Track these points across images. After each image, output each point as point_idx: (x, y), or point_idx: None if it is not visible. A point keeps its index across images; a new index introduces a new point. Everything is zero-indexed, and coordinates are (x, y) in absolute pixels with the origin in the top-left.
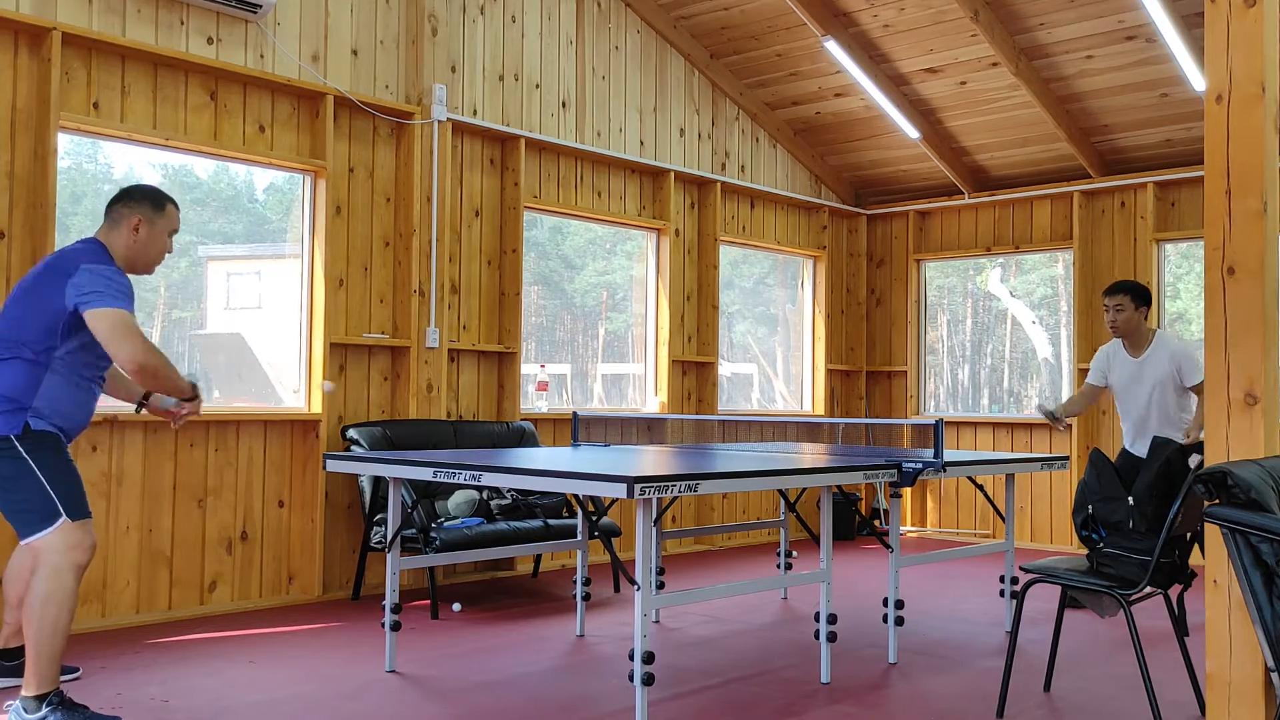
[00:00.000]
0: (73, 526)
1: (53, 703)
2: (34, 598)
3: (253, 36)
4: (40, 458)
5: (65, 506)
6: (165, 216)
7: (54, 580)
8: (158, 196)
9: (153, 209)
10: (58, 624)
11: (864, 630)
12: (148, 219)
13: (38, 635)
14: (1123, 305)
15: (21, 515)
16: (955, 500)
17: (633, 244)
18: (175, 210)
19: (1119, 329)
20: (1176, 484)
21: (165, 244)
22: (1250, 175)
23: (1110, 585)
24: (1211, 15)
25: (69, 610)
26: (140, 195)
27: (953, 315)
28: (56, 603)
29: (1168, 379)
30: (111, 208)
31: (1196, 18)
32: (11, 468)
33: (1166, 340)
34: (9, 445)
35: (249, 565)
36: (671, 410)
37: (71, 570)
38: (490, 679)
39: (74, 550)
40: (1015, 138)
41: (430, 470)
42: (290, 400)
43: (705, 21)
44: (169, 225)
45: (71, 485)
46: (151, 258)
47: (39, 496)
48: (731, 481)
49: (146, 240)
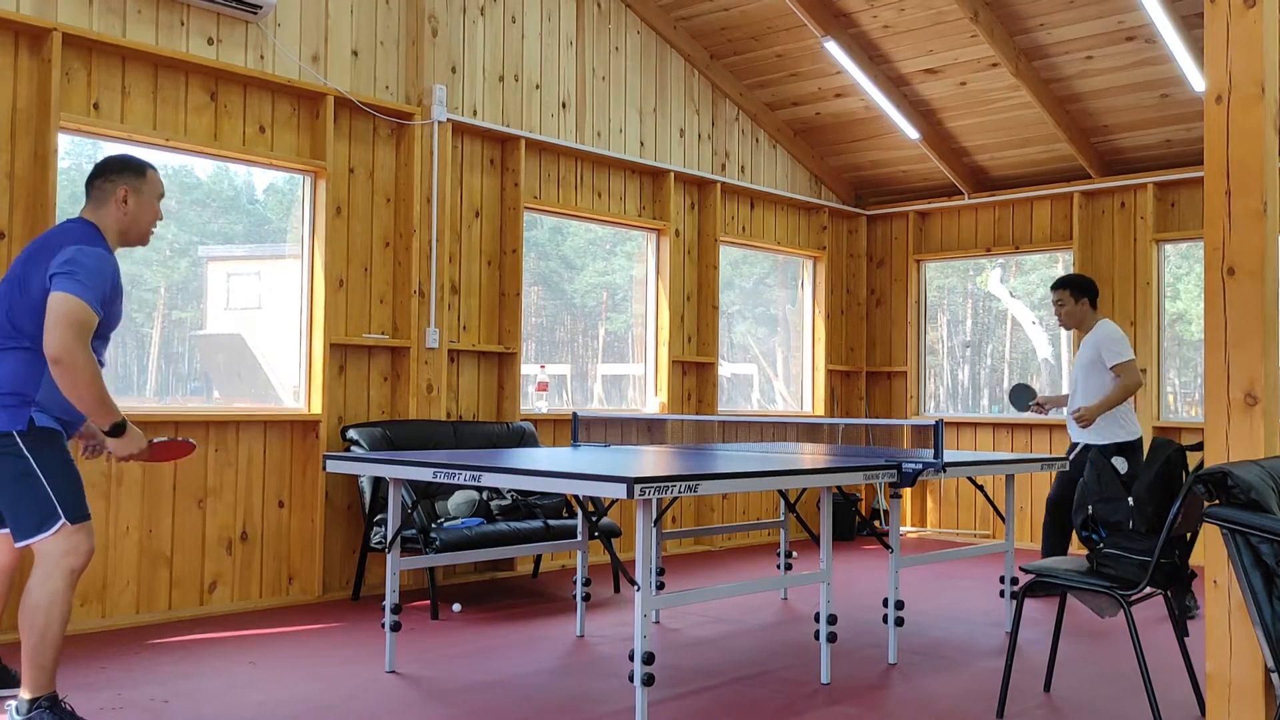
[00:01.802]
0: (71, 530)
1: (41, 706)
2: (28, 602)
3: (253, 37)
4: (42, 457)
5: (65, 509)
6: (149, 182)
7: (46, 586)
8: (138, 164)
9: (136, 176)
10: (49, 631)
11: (864, 631)
12: (134, 188)
13: (33, 641)
14: (1062, 300)
15: (19, 517)
16: (955, 501)
17: (633, 244)
18: (156, 174)
19: (1063, 322)
20: (1176, 485)
21: (156, 210)
22: (1250, 175)
23: (1110, 585)
24: (1211, 15)
25: (61, 617)
26: (120, 165)
27: (953, 316)
28: (47, 610)
29: (1092, 364)
30: (92, 183)
31: (1196, 18)
32: (13, 466)
33: (1100, 326)
34: (11, 442)
35: (249, 566)
36: (671, 411)
37: (64, 576)
38: (490, 679)
39: (69, 556)
40: (1015, 138)
41: (430, 471)
42: (290, 401)
43: (705, 22)
44: (155, 191)
45: (72, 486)
46: (144, 226)
47: (39, 497)
48: (731, 482)
49: (136, 209)
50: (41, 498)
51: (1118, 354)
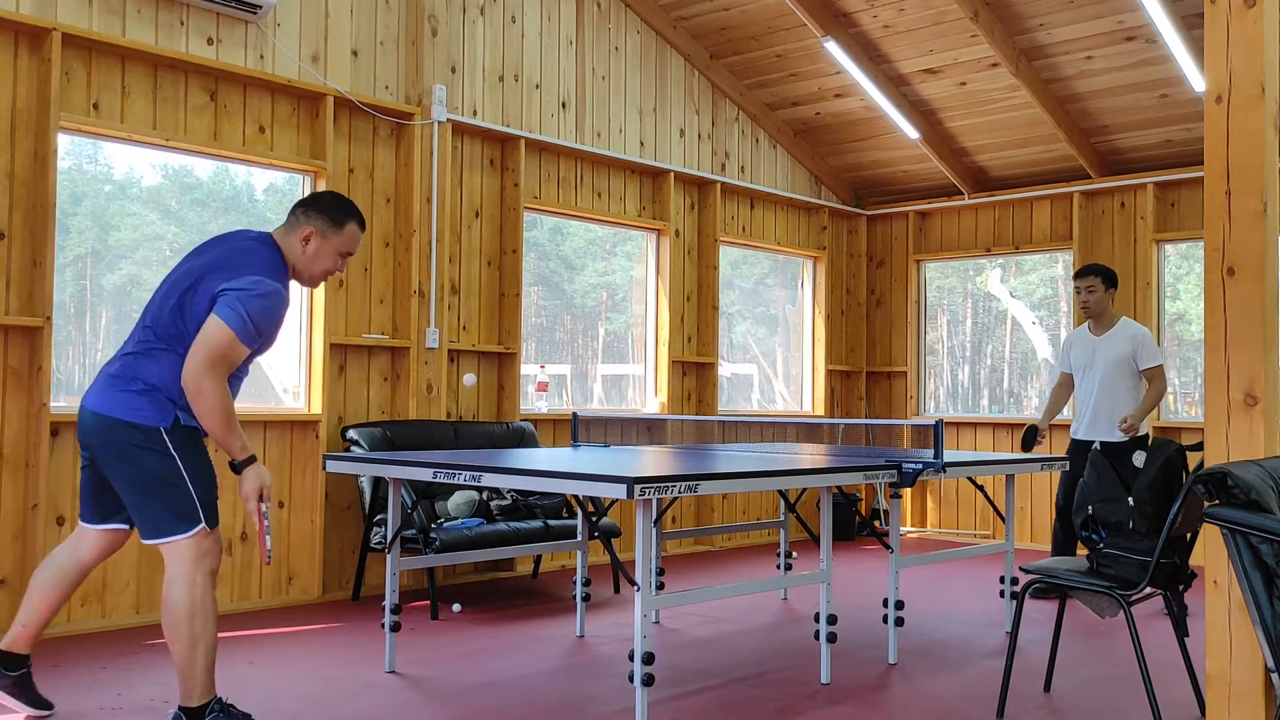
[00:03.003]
0: (207, 534)
1: (214, 710)
2: (175, 612)
3: (253, 37)
4: (187, 456)
5: (205, 513)
6: (342, 235)
7: (192, 591)
8: (340, 213)
9: (329, 224)
10: (205, 634)
11: (864, 631)
12: (320, 233)
13: (190, 649)
14: (1094, 286)
15: (157, 515)
16: (955, 501)
17: (633, 244)
18: (358, 230)
19: (1090, 309)
20: (1176, 485)
21: (334, 263)
22: (1250, 175)
23: (1110, 586)
24: (1211, 16)
25: (213, 619)
26: (322, 207)
27: (953, 316)
28: (202, 614)
29: (1124, 360)
30: (294, 211)
31: (1196, 18)
32: (157, 464)
33: (1131, 324)
34: (158, 438)
35: (249, 566)
36: (671, 411)
37: (208, 579)
38: (490, 680)
39: (206, 558)
40: (1015, 138)
41: (430, 471)
42: (290, 401)
43: (705, 22)
44: (344, 245)
45: (212, 490)
46: (315, 274)
47: (181, 498)
48: (731, 482)
49: (314, 255)
50: (184, 499)
51: (1155, 357)
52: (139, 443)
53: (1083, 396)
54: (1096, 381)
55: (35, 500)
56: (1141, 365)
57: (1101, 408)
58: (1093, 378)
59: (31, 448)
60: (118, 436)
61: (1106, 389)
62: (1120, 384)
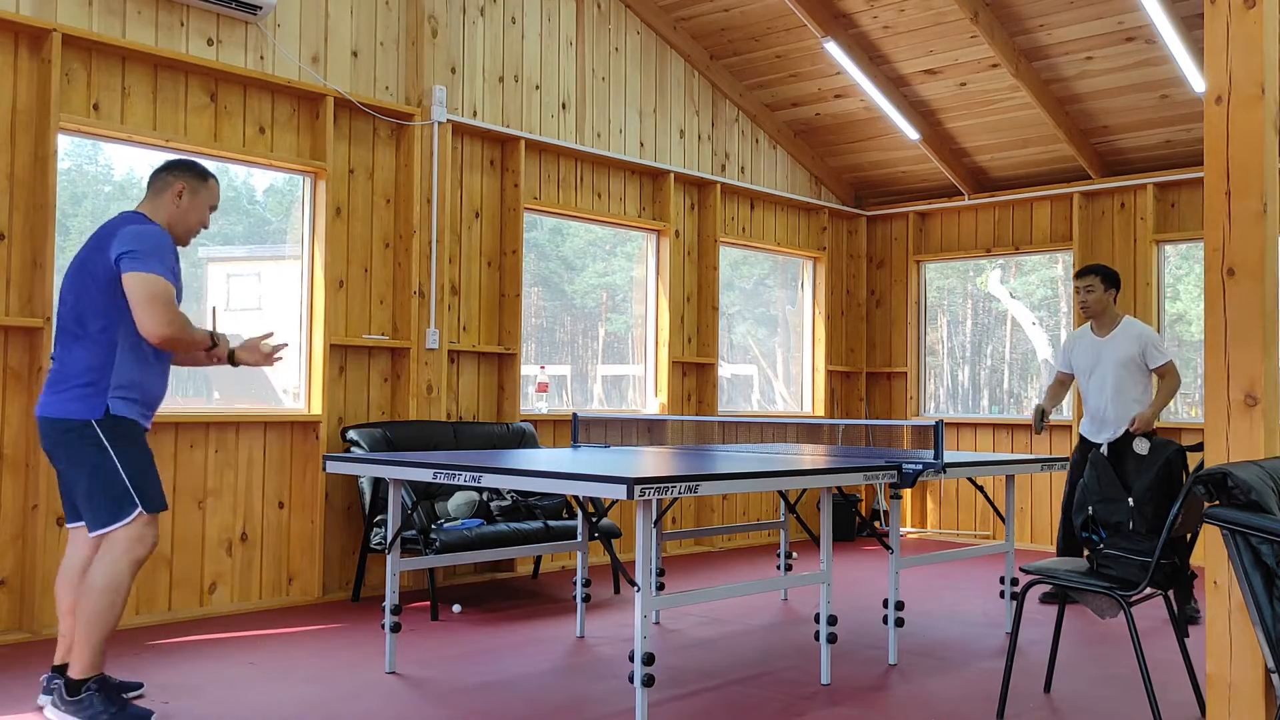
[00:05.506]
0: (146, 520)
1: (91, 688)
2: (88, 584)
3: (253, 38)
4: (120, 446)
5: (141, 498)
6: (208, 188)
7: (112, 575)
8: (201, 169)
9: (196, 178)
10: (108, 615)
11: (864, 631)
12: (191, 187)
13: (87, 624)
14: (1093, 286)
15: (97, 507)
16: (955, 501)
17: (633, 245)
18: (217, 185)
19: (1090, 309)
20: (1176, 485)
21: (204, 215)
22: (1250, 176)
23: (1110, 586)
24: (1211, 16)
25: (119, 604)
26: (185, 165)
27: (953, 316)
28: (111, 597)
29: (1131, 360)
30: (155, 177)
31: (1196, 18)
32: (93, 456)
33: (1134, 323)
34: (89, 431)
35: (249, 566)
36: (671, 411)
37: (130, 566)
38: (490, 680)
39: (136, 544)
40: (1015, 139)
41: (430, 471)
42: (290, 401)
43: (705, 23)
44: (210, 198)
45: (148, 475)
46: (190, 226)
47: (116, 487)
48: (732, 483)
49: (188, 208)
50: (118, 487)
51: (1163, 354)
52: (75, 438)
53: (1091, 399)
54: (1108, 384)
55: (35, 500)
56: (1151, 364)
57: (1112, 410)
58: (1101, 380)
59: (31, 448)
60: (57, 435)
61: (1117, 391)
62: (1131, 385)
